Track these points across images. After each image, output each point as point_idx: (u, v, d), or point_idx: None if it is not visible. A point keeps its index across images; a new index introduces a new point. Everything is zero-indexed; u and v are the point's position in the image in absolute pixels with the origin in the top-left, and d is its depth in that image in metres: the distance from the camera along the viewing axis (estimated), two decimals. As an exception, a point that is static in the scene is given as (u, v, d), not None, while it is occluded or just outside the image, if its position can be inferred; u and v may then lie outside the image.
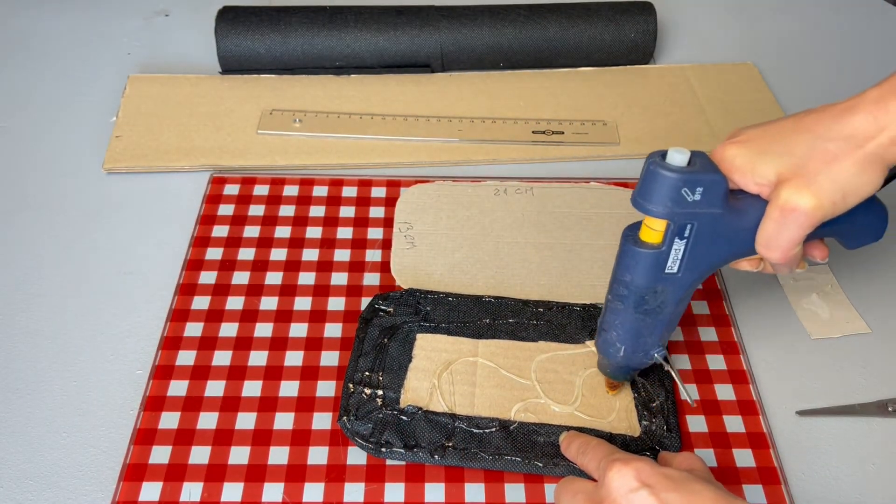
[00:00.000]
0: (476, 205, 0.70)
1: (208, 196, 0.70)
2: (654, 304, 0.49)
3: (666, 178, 0.45)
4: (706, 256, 0.48)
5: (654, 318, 0.50)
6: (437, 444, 0.53)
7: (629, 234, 0.48)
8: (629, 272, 0.48)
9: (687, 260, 0.48)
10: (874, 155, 0.45)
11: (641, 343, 0.51)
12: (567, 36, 0.83)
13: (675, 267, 0.48)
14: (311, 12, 0.81)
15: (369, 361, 0.57)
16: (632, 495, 0.42)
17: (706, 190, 0.45)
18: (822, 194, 0.45)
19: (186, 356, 0.58)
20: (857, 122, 0.45)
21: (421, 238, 0.67)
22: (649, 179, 0.45)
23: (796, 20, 0.94)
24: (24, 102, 0.80)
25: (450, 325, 0.60)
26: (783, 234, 0.46)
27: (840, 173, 0.45)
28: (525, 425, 0.54)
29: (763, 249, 0.48)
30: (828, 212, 0.46)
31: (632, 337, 0.51)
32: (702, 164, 0.46)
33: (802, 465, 0.54)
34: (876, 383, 0.58)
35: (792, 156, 0.46)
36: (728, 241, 0.48)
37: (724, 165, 0.48)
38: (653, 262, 0.47)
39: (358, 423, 0.54)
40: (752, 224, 0.48)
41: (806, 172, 0.45)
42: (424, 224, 0.68)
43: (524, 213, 0.69)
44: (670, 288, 0.49)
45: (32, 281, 0.63)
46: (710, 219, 0.46)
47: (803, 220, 0.46)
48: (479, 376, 0.57)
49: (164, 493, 0.51)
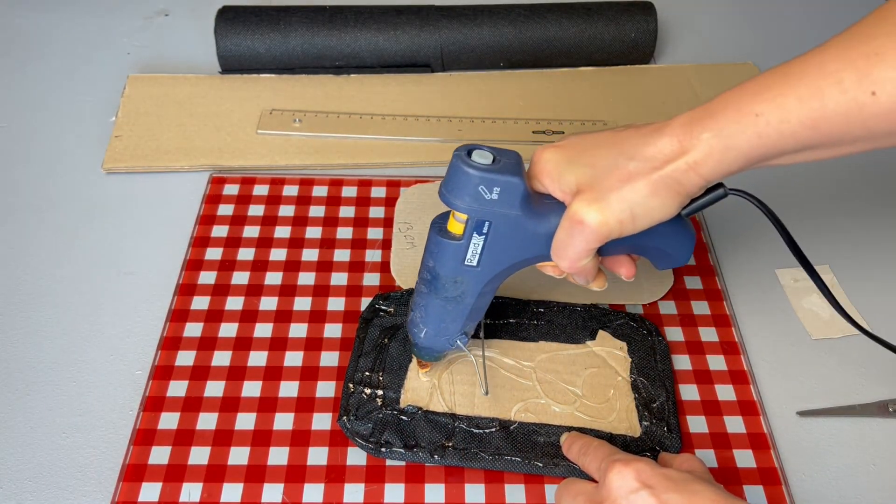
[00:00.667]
0: None
1: (208, 196, 0.70)
2: (454, 292, 0.50)
3: (465, 173, 0.46)
4: (504, 254, 0.49)
5: (456, 307, 0.51)
6: (437, 444, 0.53)
7: (437, 223, 0.50)
8: (433, 259, 0.50)
9: (485, 255, 0.49)
10: (670, 179, 0.44)
11: (444, 328, 0.53)
12: (567, 36, 0.83)
13: (474, 260, 0.49)
14: (311, 12, 0.81)
15: (369, 361, 0.57)
16: (632, 496, 0.42)
17: (503, 191, 0.46)
18: (609, 212, 0.45)
19: (186, 356, 0.58)
20: (661, 144, 0.44)
21: (421, 238, 0.67)
22: (451, 173, 0.47)
23: (796, 20, 0.94)
24: (23, 102, 0.80)
25: None
26: (570, 244, 0.47)
27: (631, 193, 0.44)
28: (525, 425, 0.54)
29: (555, 256, 0.48)
30: (614, 230, 0.45)
31: (434, 321, 0.52)
32: (505, 165, 0.47)
33: (803, 465, 0.54)
34: (876, 384, 0.58)
35: (594, 168, 0.46)
36: (525, 243, 0.49)
37: (538, 168, 0.48)
38: (453, 252, 0.49)
39: (358, 422, 0.54)
40: (550, 230, 0.48)
41: (600, 187, 0.45)
42: (424, 224, 0.68)
43: None
44: (470, 279, 0.50)
45: (32, 281, 0.63)
46: (506, 219, 0.47)
47: (588, 234, 0.45)
48: (479, 376, 0.57)
49: (164, 494, 0.51)
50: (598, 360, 0.58)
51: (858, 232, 0.69)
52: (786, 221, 0.49)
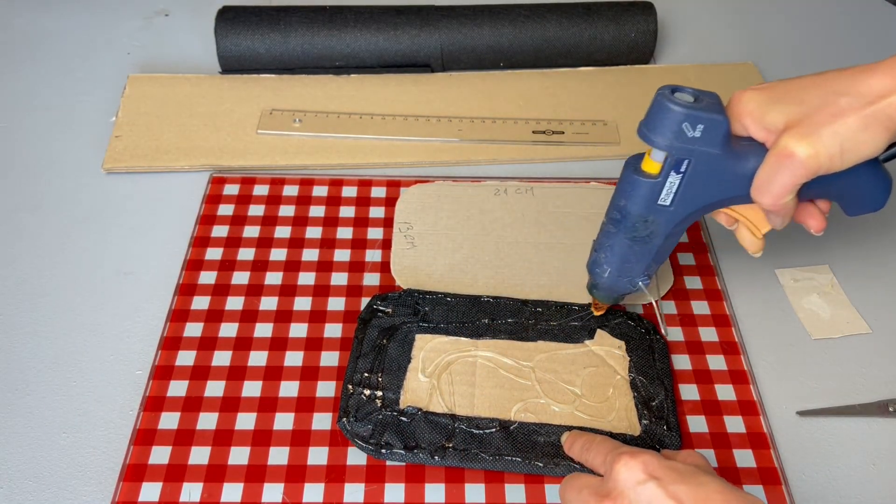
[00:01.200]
0: (476, 205, 0.70)
1: (208, 196, 0.70)
2: (644, 232, 0.51)
3: (670, 110, 0.47)
4: (700, 194, 0.50)
5: (643, 247, 0.52)
6: (437, 445, 0.53)
7: (631, 162, 0.51)
8: (625, 198, 0.50)
9: (681, 195, 0.49)
10: (882, 114, 0.45)
11: (627, 269, 0.53)
12: (567, 36, 0.83)
13: (668, 199, 0.50)
14: (311, 12, 0.81)
15: (368, 362, 0.57)
16: (639, 487, 0.42)
17: (706, 128, 0.47)
18: (821, 145, 0.45)
19: (186, 356, 0.58)
20: (873, 82, 0.45)
21: (421, 238, 0.67)
22: (655, 110, 0.48)
23: (796, 20, 0.94)
24: (24, 102, 0.80)
25: (448, 325, 0.60)
26: (776, 179, 0.47)
27: (843, 128, 0.45)
28: (525, 425, 0.54)
29: (756, 193, 0.49)
30: (823, 164, 0.46)
31: (619, 261, 0.53)
32: (708, 104, 0.47)
33: (803, 465, 0.54)
34: (876, 383, 0.58)
35: (802, 105, 0.47)
36: (722, 183, 0.50)
37: (738, 108, 0.49)
38: (648, 190, 0.49)
39: (358, 424, 0.53)
40: (750, 171, 0.49)
41: (811, 122, 0.46)
42: (424, 224, 0.68)
43: (524, 213, 0.69)
44: (661, 219, 0.51)
45: (32, 281, 0.63)
46: (707, 157, 0.48)
47: (797, 168, 0.46)
48: (478, 376, 0.57)
49: (164, 494, 0.51)
50: (597, 359, 0.58)
51: (859, 231, 0.68)
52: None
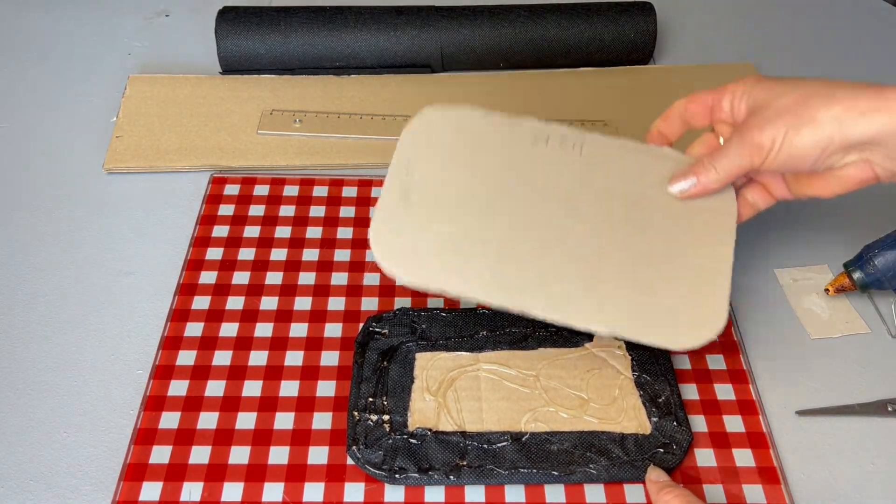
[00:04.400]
0: (504, 154, 0.55)
1: (208, 196, 0.70)
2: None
3: None
4: None
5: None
6: (451, 465, 0.52)
7: None
8: None
9: None
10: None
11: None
12: (567, 36, 0.83)
13: None
14: (311, 12, 0.81)
15: (371, 386, 0.56)
16: None
17: None
18: None
19: (186, 356, 0.58)
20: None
21: (419, 191, 0.53)
22: None
23: (796, 20, 0.94)
24: (24, 102, 0.80)
25: (447, 340, 0.59)
26: None
27: None
28: (537, 435, 0.53)
29: None
30: None
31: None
32: None
33: (802, 464, 0.54)
34: (876, 383, 0.58)
35: None
36: None
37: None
38: None
39: (368, 451, 0.52)
40: None
41: None
42: (428, 169, 0.54)
43: (559, 181, 0.54)
44: None
45: (32, 281, 0.63)
46: None
47: None
48: (483, 390, 0.56)
49: (164, 493, 0.51)
50: (599, 361, 0.58)
51: (858, 231, 0.68)
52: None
